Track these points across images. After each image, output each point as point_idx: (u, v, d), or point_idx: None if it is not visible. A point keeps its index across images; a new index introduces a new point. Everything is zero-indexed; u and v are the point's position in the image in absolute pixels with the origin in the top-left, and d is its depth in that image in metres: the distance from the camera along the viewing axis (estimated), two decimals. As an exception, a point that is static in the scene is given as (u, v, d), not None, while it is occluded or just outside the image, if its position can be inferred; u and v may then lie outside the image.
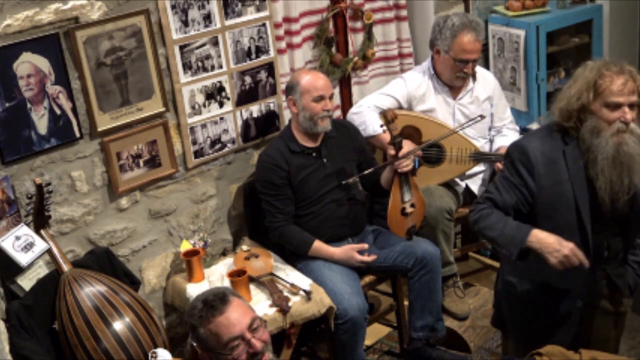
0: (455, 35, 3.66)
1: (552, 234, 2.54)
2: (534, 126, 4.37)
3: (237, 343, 2.14)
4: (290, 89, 3.45)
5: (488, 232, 2.65)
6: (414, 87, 3.81)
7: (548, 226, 2.60)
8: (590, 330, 2.78)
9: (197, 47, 3.52)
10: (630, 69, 2.54)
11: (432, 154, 3.79)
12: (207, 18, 3.51)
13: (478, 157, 3.76)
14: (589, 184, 2.58)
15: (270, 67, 3.79)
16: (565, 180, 2.59)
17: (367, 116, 3.73)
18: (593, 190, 2.57)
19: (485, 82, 3.90)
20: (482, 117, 3.72)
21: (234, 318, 2.15)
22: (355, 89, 4.27)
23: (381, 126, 3.49)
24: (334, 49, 4.13)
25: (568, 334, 2.73)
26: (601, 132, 2.51)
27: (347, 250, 3.44)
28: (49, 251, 3.06)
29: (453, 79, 3.77)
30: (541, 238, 2.53)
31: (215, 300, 2.16)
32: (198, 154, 3.65)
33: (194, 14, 3.47)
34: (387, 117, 3.36)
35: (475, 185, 3.90)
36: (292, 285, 3.31)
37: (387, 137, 3.61)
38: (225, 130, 3.71)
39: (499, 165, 3.71)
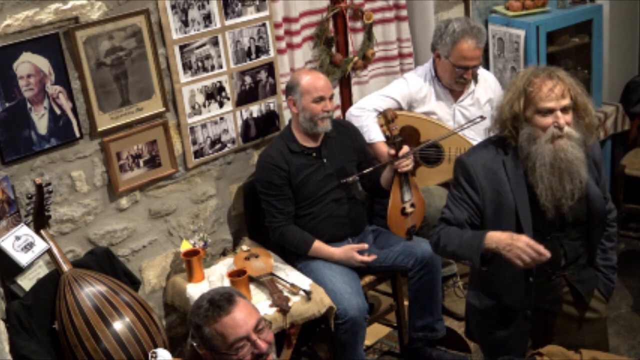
0: (455, 41, 3.65)
1: (506, 232, 2.50)
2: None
3: (243, 344, 2.13)
4: (290, 89, 3.45)
5: (448, 248, 2.63)
6: (415, 89, 3.80)
7: None
8: (552, 335, 2.76)
9: (197, 47, 3.52)
10: (559, 73, 2.52)
11: (431, 154, 3.79)
12: (207, 18, 3.51)
13: None
14: (531, 192, 2.56)
15: (270, 67, 3.79)
16: (507, 191, 2.58)
17: (365, 121, 3.72)
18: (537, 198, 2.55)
19: (486, 84, 3.89)
20: (482, 117, 3.72)
21: (240, 319, 2.15)
22: (355, 89, 4.27)
23: (381, 126, 3.49)
24: (334, 49, 4.13)
25: (521, 343, 2.74)
26: (537, 139, 2.50)
27: (347, 250, 3.44)
28: (49, 251, 3.06)
29: (453, 83, 3.77)
30: (495, 238, 2.49)
31: (222, 300, 2.16)
32: (198, 154, 3.65)
33: (194, 14, 3.47)
34: (387, 117, 3.36)
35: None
36: (292, 285, 3.31)
37: (382, 146, 3.62)
38: (225, 130, 3.71)
39: None
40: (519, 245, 2.43)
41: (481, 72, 3.90)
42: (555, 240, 2.62)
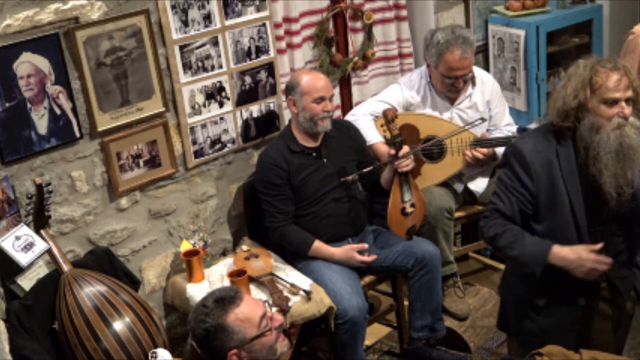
0: (441, 53, 3.62)
1: (571, 249, 2.57)
2: (534, 126, 4.37)
3: (267, 321, 2.19)
4: (290, 89, 3.45)
5: (508, 252, 2.67)
6: (409, 94, 3.80)
7: (546, 225, 2.62)
8: (588, 333, 2.77)
9: (197, 47, 3.52)
10: (624, 64, 2.55)
11: (434, 150, 3.78)
12: (207, 18, 3.51)
13: (479, 143, 3.74)
14: (585, 183, 2.57)
15: (270, 67, 3.79)
16: (559, 180, 2.59)
17: (361, 124, 3.72)
18: (589, 189, 2.56)
19: (484, 86, 3.87)
20: (482, 120, 3.72)
21: (253, 301, 2.22)
22: (355, 89, 4.27)
23: (381, 126, 3.49)
24: (334, 49, 4.14)
25: (571, 334, 2.72)
26: (601, 128, 2.51)
27: (347, 250, 3.43)
28: (49, 251, 3.06)
29: (445, 92, 3.77)
30: (562, 256, 2.57)
31: (229, 292, 2.20)
32: (198, 154, 3.65)
33: (194, 14, 3.47)
34: (388, 116, 3.36)
35: (474, 185, 3.90)
36: (292, 285, 3.31)
37: (381, 147, 3.62)
38: (225, 130, 3.71)
39: (468, 153, 3.70)
40: (588, 265, 2.54)
41: (479, 73, 3.88)
42: (598, 233, 2.62)
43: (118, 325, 2.96)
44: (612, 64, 2.53)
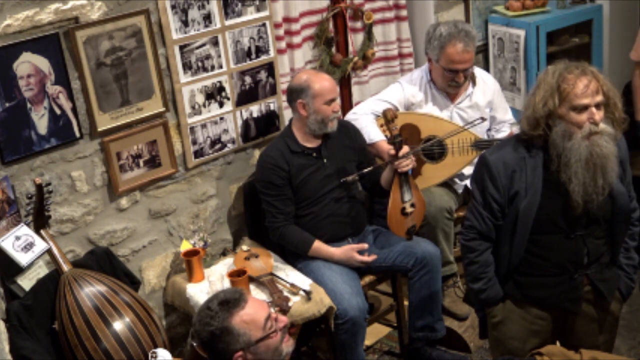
0: (443, 46, 3.63)
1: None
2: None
3: (271, 322, 2.19)
4: (300, 92, 3.40)
5: (470, 281, 2.83)
6: (410, 93, 3.80)
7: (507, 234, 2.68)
8: (572, 336, 2.77)
9: (197, 47, 3.52)
10: (592, 69, 2.53)
11: (434, 150, 3.78)
12: (207, 18, 3.51)
13: (480, 144, 3.74)
14: (558, 190, 2.57)
15: (270, 67, 3.79)
16: (523, 191, 2.60)
17: (363, 123, 3.71)
18: (565, 196, 2.56)
19: (485, 86, 3.88)
20: (482, 119, 3.72)
21: (257, 302, 2.21)
22: (355, 89, 4.27)
23: (381, 126, 3.49)
24: (334, 49, 4.13)
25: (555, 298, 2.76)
26: (573, 135, 2.50)
27: (347, 250, 3.43)
28: (49, 251, 3.06)
29: (446, 87, 3.77)
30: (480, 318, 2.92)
31: (235, 294, 2.20)
32: (198, 154, 3.65)
33: (194, 14, 3.47)
34: (387, 116, 3.36)
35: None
36: (292, 285, 3.31)
37: (384, 144, 3.61)
38: (225, 130, 3.71)
39: None
40: None
41: (480, 73, 3.89)
42: (580, 238, 2.62)
43: (118, 325, 2.96)
44: (580, 70, 2.52)
